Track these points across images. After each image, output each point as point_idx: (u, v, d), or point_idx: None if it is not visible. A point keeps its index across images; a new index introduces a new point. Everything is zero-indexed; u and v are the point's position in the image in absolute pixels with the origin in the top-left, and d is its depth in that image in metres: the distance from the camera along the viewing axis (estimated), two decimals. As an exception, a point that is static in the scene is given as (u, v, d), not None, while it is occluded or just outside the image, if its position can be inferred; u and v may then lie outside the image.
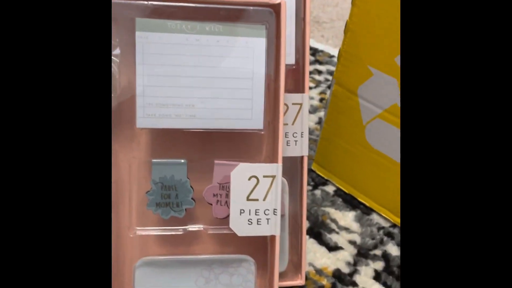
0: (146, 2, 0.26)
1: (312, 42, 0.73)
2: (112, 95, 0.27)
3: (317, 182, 0.47)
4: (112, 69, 0.27)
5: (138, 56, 0.26)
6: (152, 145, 0.28)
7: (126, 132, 0.28)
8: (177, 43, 0.26)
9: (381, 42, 0.36)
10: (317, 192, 0.46)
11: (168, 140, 0.28)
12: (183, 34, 0.26)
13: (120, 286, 0.29)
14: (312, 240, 0.41)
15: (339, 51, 0.40)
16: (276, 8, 0.27)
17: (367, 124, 0.40)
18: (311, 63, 0.67)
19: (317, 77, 0.65)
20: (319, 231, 0.42)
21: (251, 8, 0.27)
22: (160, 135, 0.28)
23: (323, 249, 0.40)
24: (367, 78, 0.38)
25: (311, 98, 0.60)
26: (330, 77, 0.64)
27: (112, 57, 0.26)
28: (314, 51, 0.70)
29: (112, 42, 0.26)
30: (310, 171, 0.48)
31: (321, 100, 0.60)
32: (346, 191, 0.45)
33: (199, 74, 0.27)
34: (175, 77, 0.26)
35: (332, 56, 0.69)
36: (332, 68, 0.67)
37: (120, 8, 0.26)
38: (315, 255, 0.40)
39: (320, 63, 0.68)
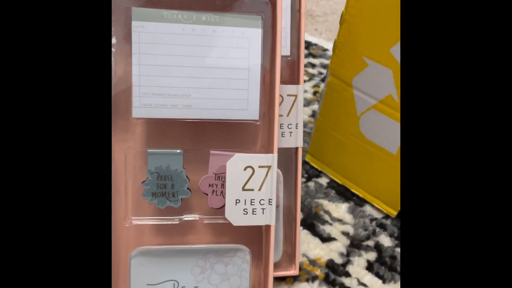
0: (142, -8, 0.26)
1: (305, 35, 0.73)
2: (108, 84, 0.27)
3: (311, 174, 0.48)
4: (111, 55, 0.26)
5: (134, 46, 0.26)
6: (148, 135, 0.28)
7: (121, 123, 0.28)
8: (173, 33, 0.26)
9: (376, 33, 0.36)
10: (311, 184, 0.47)
11: (164, 130, 0.28)
12: (179, 24, 0.26)
13: (115, 275, 0.29)
14: (305, 231, 0.41)
15: (334, 43, 0.40)
16: (273, 0, 0.27)
17: (361, 115, 0.41)
18: (305, 56, 0.67)
19: (310, 70, 0.65)
20: (312, 222, 0.42)
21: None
22: (156, 125, 0.28)
23: (316, 240, 0.41)
24: (362, 69, 0.39)
25: (305, 91, 0.60)
26: (323, 71, 0.64)
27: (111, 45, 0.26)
28: (307, 45, 0.70)
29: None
30: (304, 163, 0.49)
31: (314, 93, 0.60)
32: (340, 182, 0.46)
33: (195, 64, 0.27)
34: (171, 67, 0.26)
35: (326, 50, 0.70)
36: (326, 62, 0.67)
37: (123, 2, 0.26)
38: (309, 246, 0.40)
39: (314, 56, 0.68)
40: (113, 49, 0.26)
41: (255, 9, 0.27)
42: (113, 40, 0.26)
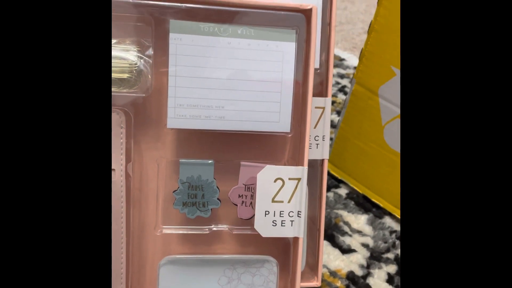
0: (180, 4, 0.26)
1: (322, 44, 0.73)
2: (143, 94, 0.27)
3: (330, 184, 0.48)
4: (145, 68, 0.27)
5: (171, 58, 0.26)
6: (179, 145, 0.29)
7: (152, 132, 0.28)
8: (209, 45, 0.26)
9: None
10: (330, 194, 0.47)
11: (196, 140, 0.29)
12: (215, 37, 0.26)
13: (143, 282, 0.29)
14: (325, 242, 0.41)
15: (361, 51, 0.41)
16: (307, 14, 0.27)
17: (386, 124, 0.41)
18: (322, 65, 0.68)
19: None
20: (332, 233, 0.42)
21: (282, 12, 0.27)
22: (187, 135, 0.29)
23: (336, 251, 0.41)
24: (389, 78, 0.39)
25: (323, 100, 0.60)
26: (340, 80, 0.65)
27: (145, 57, 0.27)
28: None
29: (146, 42, 0.27)
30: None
31: (332, 102, 0.60)
32: (360, 191, 0.46)
33: (230, 76, 0.27)
34: (206, 79, 0.27)
35: (342, 60, 0.70)
36: (342, 71, 0.67)
37: (154, 10, 0.26)
38: (329, 257, 0.40)
39: (335, 66, 0.68)
40: (150, 60, 0.27)
41: (289, 23, 0.27)
42: (150, 51, 0.27)
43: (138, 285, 0.29)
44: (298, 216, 0.29)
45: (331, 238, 0.42)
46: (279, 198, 0.28)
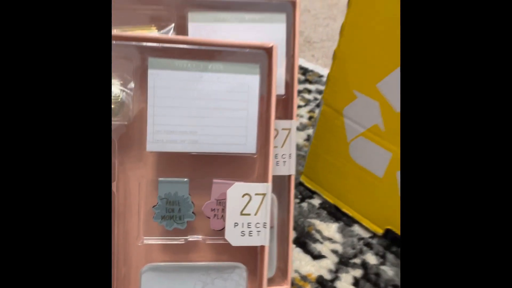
0: (157, 44, 0.30)
1: (303, 61, 0.78)
2: (126, 122, 0.31)
3: (304, 195, 0.52)
4: (126, 100, 0.31)
5: (150, 90, 0.30)
6: (158, 165, 0.33)
7: (135, 153, 0.32)
8: (183, 79, 0.30)
9: (364, 69, 0.41)
10: (304, 204, 0.51)
11: (173, 161, 0.32)
12: (188, 71, 0.30)
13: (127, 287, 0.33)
14: (298, 249, 0.45)
15: (327, 76, 0.45)
16: (269, 51, 0.31)
17: (351, 141, 0.45)
18: (302, 82, 0.72)
19: (306, 95, 0.69)
20: (304, 241, 0.46)
21: (247, 50, 0.31)
22: (166, 156, 0.32)
23: (308, 258, 0.45)
24: (352, 100, 0.43)
25: (301, 116, 0.64)
26: (319, 96, 0.69)
27: (127, 89, 0.31)
28: (304, 71, 0.75)
29: (127, 77, 0.31)
30: (299, 184, 0.53)
31: (310, 118, 0.64)
32: (332, 202, 0.50)
33: (201, 105, 0.31)
34: (181, 108, 0.31)
35: (321, 76, 0.74)
36: (321, 87, 0.71)
37: (135, 49, 0.30)
38: (301, 263, 0.44)
39: (310, 82, 0.73)
40: (131, 92, 0.31)
41: (254, 59, 0.31)
42: (132, 85, 0.31)
43: (123, 290, 0.33)
44: (264, 227, 0.32)
45: (303, 245, 0.46)
46: (246, 212, 0.32)
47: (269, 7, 0.35)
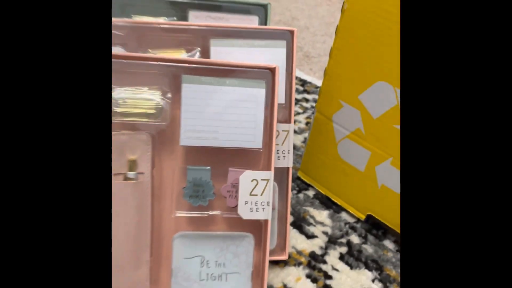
0: (188, 65, 0.40)
1: (302, 74, 0.88)
2: (164, 123, 0.41)
3: (301, 187, 0.61)
4: (165, 106, 0.41)
5: (183, 99, 0.40)
6: (187, 157, 0.42)
7: (170, 147, 0.42)
8: (207, 91, 0.40)
9: (349, 84, 0.50)
10: (300, 195, 0.60)
11: (198, 154, 0.42)
12: (211, 85, 0.40)
13: (159, 254, 0.43)
14: (294, 231, 0.55)
15: (319, 89, 0.55)
16: (272, 70, 0.41)
17: (338, 142, 0.55)
18: (300, 92, 0.82)
19: (304, 104, 0.79)
20: (300, 224, 0.56)
21: (256, 69, 0.41)
22: (193, 150, 0.42)
23: (302, 237, 0.54)
24: (339, 108, 0.53)
25: (299, 121, 0.74)
26: (315, 105, 0.79)
27: (165, 99, 0.41)
28: (303, 82, 0.85)
29: (166, 89, 0.41)
30: (296, 178, 0.62)
31: (307, 123, 0.74)
32: (323, 193, 0.59)
33: (221, 111, 0.41)
34: (205, 113, 0.41)
35: (318, 87, 0.84)
36: (317, 97, 0.81)
37: (172, 68, 0.40)
38: (297, 241, 0.54)
39: (308, 92, 0.83)
40: (169, 100, 0.41)
41: (261, 76, 0.41)
42: (169, 95, 0.41)
43: (159, 253, 0.43)
44: (267, 205, 0.42)
45: (299, 227, 0.55)
46: (254, 193, 0.42)
47: (273, 35, 0.46)
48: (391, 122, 0.48)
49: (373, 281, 0.49)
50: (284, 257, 0.49)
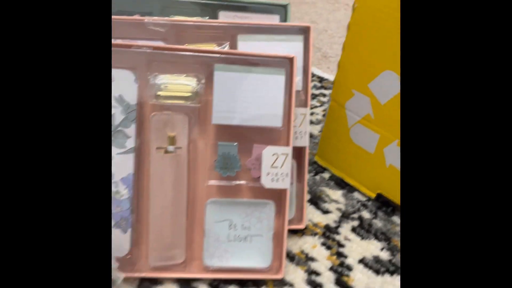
0: (219, 55, 0.48)
1: (320, 72, 0.94)
2: (198, 105, 0.49)
3: (317, 171, 0.68)
4: (200, 90, 0.48)
5: (215, 85, 0.47)
6: (218, 134, 0.50)
7: (203, 126, 0.49)
8: (236, 78, 0.48)
9: (359, 74, 0.57)
10: (317, 177, 0.67)
11: (227, 131, 0.49)
12: (239, 73, 0.48)
13: (194, 218, 0.50)
14: (311, 207, 0.61)
15: (334, 80, 0.61)
16: (291, 60, 0.48)
17: (351, 127, 0.61)
18: (318, 88, 0.89)
19: (322, 98, 0.86)
20: (316, 201, 0.62)
21: (277, 59, 0.48)
22: (223, 128, 0.49)
23: (318, 212, 0.61)
24: (351, 96, 0.59)
25: (316, 114, 0.81)
26: (332, 99, 0.85)
27: (200, 83, 0.48)
28: (321, 79, 0.92)
29: (200, 76, 0.48)
30: (313, 163, 0.69)
31: (323, 115, 0.81)
32: (337, 175, 0.66)
33: (247, 95, 0.48)
34: (234, 96, 0.48)
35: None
36: (334, 92, 0.88)
37: (205, 58, 0.48)
38: (313, 215, 0.60)
39: (325, 88, 0.89)
40: (202, 85, 0.48)
41: (281, 65, 0.48)
42: (203, 81, 0.48)
43: (193, 216, 0.50)
44: (286, 176, 0.49)
45: (315, 204, 0.62)
46: (275, 165, 0.49)
47: (291, 30, 0.53)
48: (396, 107, 0.54)
49: (381, 250, 0.55)
50: (301, 226, 0.56)
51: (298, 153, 0.55)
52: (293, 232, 0.56)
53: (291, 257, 0.53)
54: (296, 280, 0.51)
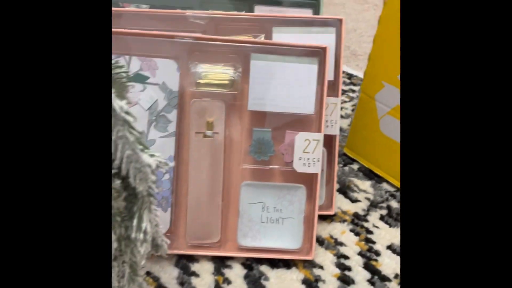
0: (255, 45, 0.50)
1: (349, 69, 0.96)
2: (236, 92, 0.51)
3: (346, 162, 0.69)
4: (237, 78, 0.51)
5: (251, 73, 0.50)
6: (253, 120, 0.52)
7: (239, 112, 0.52)
8: (271, 66, 0.50)
9: (389, 66, 0.59)
10: (346, 168, 0.68)
11: (262, 118, 0.52)
12: (274, 62, 0.50)
13: (229, 199, 0.52)
14: (340, 196, 0.63)
15: (364, 72, 0.63)
16: (324, 49, 0.51)
17: (380, 118, 0.63)
18: (348, 84, 0.90)
19: (351, 94, 0.88)
20: (345, 191, 0.64)
21: (311, 49, 0.51)
22: (258, 114, 0.52)
23: (347, 201, 0.62)
24: (381, 88, 0.61)
25: (346, 108, 0.83)
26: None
27: (237, 72, 0.51)
28: (350, 76, 0.93)
29: (237, 65, 0.51)
30: (342, 154, 0.71)
31: (352, 110, 0.83)
32: (367, 166, 0.67)
33: (281, 83, 0.51)
34: (269, 84, 0.51)
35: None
36: (363, 89, 0.89)
37: (242, 48, 0.51)
38: (342, 203, 0.62)
39: (354, 84, 0.91)
40: (239, 74, 0.51)
41: (314, 54, 0.51)
42: (240, 69, 0.51)
43: (229, 198, 0.52)
44: (317, 161, 0.51)
45: (344, 193, 0.64)
46: (307, 150, 0.51)
47: (324, 23, 0.55)
48: (426, 98, 0.55)
49: (409, 237, 0.56)
50: (331, 212, 0.58)
51: (328, 141, 0.57)
52: (322, 218, 0.58)
53: (320, 241, 0.55)
54: (326, 262, 0.53)
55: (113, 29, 0.49)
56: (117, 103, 0.23)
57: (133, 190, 0.29)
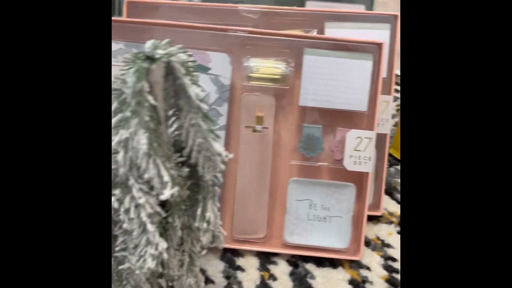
0: (309, 40, 0.50)
1: (396, 70, 0.94)
2: (287, 87, 0.51)
3: (392, 163, 0.68)
4: (289, 73, 0.50)
5: (304, 68, 0.49)
6: (303, 115, 0.52)
7: (290, 107, 0.51)
8: (324, 61, 0.49)
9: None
10: (392, 169, 0.67)
11: (313, 113, 0.51)
12: (327, 57, 0.49)
13: (276, 195, 0.52)
14: (386, 197, 0.61)
15: None
16: (380, 45, 0.49)
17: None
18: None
19: (396, 94, 0.85)
20: (391, 192, 0.62)
21: (365, 44, 0.50)
22: (309, 110, 0.51)
23: (393, 202, 0.61)
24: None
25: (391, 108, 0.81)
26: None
27: (289, 67, 0.50)
28: (396, 76, 0.91)
29: (290, 60, 0.50)
30: (388, 155, 0.69)
31: (397, 110, 0.80)
32: (413, 168, 0.65)
33: (334, 78, 0.50)
34: (322, 80, 0.50)
35: (409, 80, 0.90)
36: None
37: (294, 43, 0.50)
38: (388, 205, 0.60)
39: (398, 84, 0.89)
40: (291, 69, 0.50)
41: (369, 50, 0.50)
42: (291, 64, 0.51)
43: (276, 194, 0.52)
44: (369, 159, 0.50)
45: (390, 194, 0.62)
46: (358, 148, 0.50)
47: (378, 19, 0.54)
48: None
49: (460, 242, 0.54)
50: (378, 213, 0.56)
51: (378, 140, 0.56)
52: (368, 219, 0.57)
53: (366, 242, 0.54)
54: (373, 263, 0.51)
55: (166, 22, 0.49)
56: (193, 90, 0.23)
57: (197, 179, 0.29)
